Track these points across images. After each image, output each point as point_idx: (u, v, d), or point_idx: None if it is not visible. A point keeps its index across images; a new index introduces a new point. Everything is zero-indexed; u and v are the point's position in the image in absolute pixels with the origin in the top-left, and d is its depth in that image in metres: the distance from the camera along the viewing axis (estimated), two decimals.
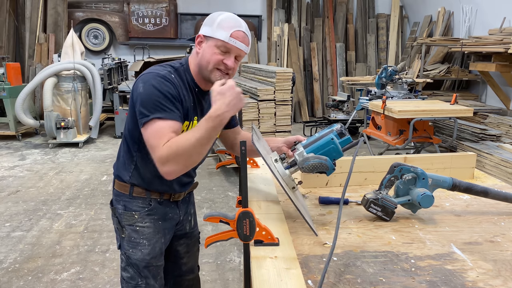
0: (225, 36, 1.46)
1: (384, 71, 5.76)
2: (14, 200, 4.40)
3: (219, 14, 1.52)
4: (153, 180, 1.61)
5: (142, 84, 1.43)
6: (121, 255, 1.69)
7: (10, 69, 6.81)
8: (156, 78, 1.42)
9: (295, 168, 1.44)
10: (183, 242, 1.87)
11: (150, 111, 1.37)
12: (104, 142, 7.09)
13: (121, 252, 1.70)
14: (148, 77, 1.44)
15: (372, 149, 5.94)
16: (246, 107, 5.20)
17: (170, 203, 1.70)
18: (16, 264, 3.11)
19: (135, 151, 1.58)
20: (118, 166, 1.67)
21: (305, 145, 1.45)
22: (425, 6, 8.87)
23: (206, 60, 1.49)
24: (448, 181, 1.49)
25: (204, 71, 1.52)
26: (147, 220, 1.64)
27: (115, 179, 1.68)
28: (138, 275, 1.65)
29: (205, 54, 1.49)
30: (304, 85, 9.39)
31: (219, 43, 1.47)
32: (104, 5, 9.28)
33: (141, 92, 1.41)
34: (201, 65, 1.51)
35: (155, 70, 1.47)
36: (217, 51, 1.47)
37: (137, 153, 1.58)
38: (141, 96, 1.41)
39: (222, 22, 1.47)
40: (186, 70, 1.55)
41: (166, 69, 1.49)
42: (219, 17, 1.50)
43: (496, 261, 1.19)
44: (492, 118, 6.04)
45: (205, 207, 4.26)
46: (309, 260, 1.19)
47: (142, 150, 1.56)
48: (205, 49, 1.50)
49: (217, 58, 1.47)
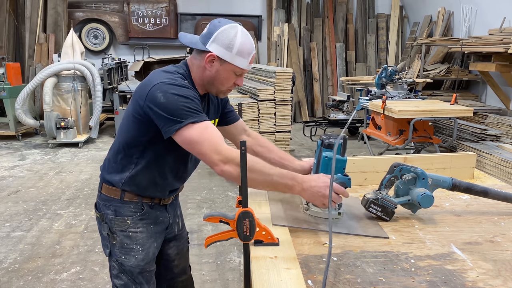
0: (245, 65, 1.48)
1: (384, 71, 5.76)
2: (14, 200, 4.40)
3: (234, 33, 1.45)
4: (148, 187, 1.59)
5: (162, 94, 1.38)
6: (112, 262, 1.64)
7: (10, 69, 6.81)
8: (175, 87, 1.40)
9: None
10: (172, 245, 1.85)
11: (182, 117, 1.37)
12: (104, 142, 7.09)
13: (111, 259, 1.64)
14: (165, 87, 1.40)
15: (372, 149, 5.94)
16: (246, 107, 5.20)
17: (160, 206, 1.68)
18: (16, 264, 3.11)
19: (137, 157, 1.54)
20: (108, 170, 1.61)
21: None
22: (425, 6, 8.87)
23: (220, 82, 1.51)
24: (448, 181, 1.49)
25: (212, 88, 1.55)
26: (139, 225, 1.61)
27: (102, 183, 1.62)
28: (133, 282, 1.62)
29: (219, 77, 1.50)
30: (304, 85, 9.39)
31: (237, 70, 1.49)
32: (104, 5, 9.28)
33: (163, 102, 1.38)
34: (211, 83, 1.52)
35: (168, 79, 1.43)
36: (233, 76, 1.51)
37: (139, 159, 1.54)
38: (164, 105, 1.37)
39: (241, 48, 1.45)
40: (188, 76, 1.53)
41: (177, 76, 1.47)
42: (237, 41, 1.45)
43: (496, 261, 1.19)
44: (492, 118, 6.04)
45: (205, 207, 4.26)
46: (309, 260, 1.19)
47: (146, 157, 1.54)
48: (219, 72, 1.49)
49: (232, 81, 1.53)
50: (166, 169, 1.58)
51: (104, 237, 1.65)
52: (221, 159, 1.35)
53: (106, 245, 1.65)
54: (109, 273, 1.68)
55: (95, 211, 1.67)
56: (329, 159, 1.39)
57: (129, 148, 1.55)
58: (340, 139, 1.37)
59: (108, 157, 1.64)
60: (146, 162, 1.55)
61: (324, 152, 1.40)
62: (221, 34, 1.45)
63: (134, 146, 1.53)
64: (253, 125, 5.30)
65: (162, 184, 1.60)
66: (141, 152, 1.54)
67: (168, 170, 1.59)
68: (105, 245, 1.67)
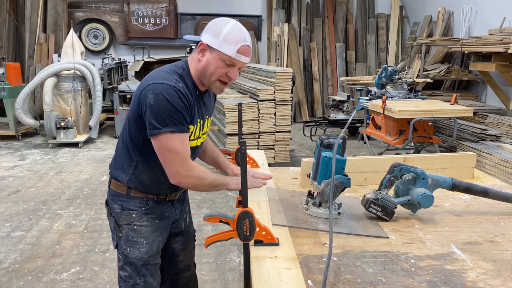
0: (231, 51, 1.47)
1: (384, 71, 5.76)
2: (14, 200, 4.40)
3: (224, 23, 1.49)
4: (152, 185, 1.63)
5: (153, 96, 1.43)
6: (118, 254, 1.70)
7: (10, 69, 6.81)
8: (168, 91, 1.43)
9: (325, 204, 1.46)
10: (178, 239, 1.88)
11: (162, 124, 1.42)
12: (104, 142, 7.09)
13: (118, 251, 1.70)
14: (159, 88, 1.43)
15: (372, 149, 5.94)
16: (246, 107, 5.20)
17: (166, 202, 1.72)
18: (16, 264, 3.11)
19: (136, 155, 1.59)
20: (115, 167, 1.67)
21: (313, 176, 1.46)
22: (425, 6, 8.87)
23: (210, 71, 1.51)
24: (448, 181, 1.49)
25: (205, 80, 1.54)
26: (144, 219, 1.65)
27: (111, 179, 1.68)
28: (136, 274, 1.66)
29: (209, 66, 1.50)
30: (304, 85, 9.39)
31: (225, 57, 1.48)
32: (104, 5, 9.28)
33: (152, 104, 1.43)
34: (203, 73, 1.53)
35: (163, 80, 1.46)
36: (222, 65, 1.50)
37: (139, 157, 1.59)
38: (152, 107, 1.43)
39: (228, 36, 1.46)
40: (187, 74, 1.55)
41: (173, 77, 1.48)
42: (225, 29, 1.47)
43: (496, 261, 1.19)
44: (492, 118, 6.04)
45: (205, 207, 4.26)
46: (309, 260, 1.19)
47: (144, 155, 1.58)
48: (209, 60, 1.50)
49: (222, 71, 1.51)
50: None
51: (112, 230, 1.71)
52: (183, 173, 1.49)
53: (114, 238, 1.72)
54: (117, 265, 1.74)
55: (105, 206, 1.73)
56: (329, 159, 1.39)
57: (129, 145, 1.60)
58: (340, 139, 1.38)
59: (114, 154, 1.70)
60: (146, 160, 1.59)
61: (324, 152, 1.41)
62: (213, 24, 1.51)
63: (133, 143, 1.58)
64: (253, 125, 5.30)
65: (166, 182, 1.60)
66: (140, 149, 1.58)
67: None
68: (113, 238, 1.73)
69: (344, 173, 1.41)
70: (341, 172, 1.40)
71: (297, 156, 6.13)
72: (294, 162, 5.65)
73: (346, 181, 1.39)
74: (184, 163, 1.48)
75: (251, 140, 5.33)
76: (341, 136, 1.39)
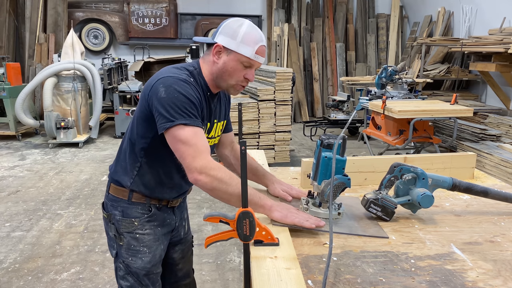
0: (250, 53, 1.43)
1: (384, 71, 5.76)
2: (14, 200, 4.40)
3: (239, 24, 1.45)
4: (156, 188, 1.58)
5: (164, 88, 1.37)
6: (119, 263, 1.63)
7: (10, 69, 6.81)
8: (179, 82, 1.38)
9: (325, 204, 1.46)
10: (178, 249, 1.84)
11: (175, 116, 1.35)
12: (104, 142, 7.09)
13: (117, 260, 1.64)
14: (169, 81, 1.39)
15: (372, 149, 5.94)
16: (246, 107, 5.20)
17: (167, 209, 1.68)
18: (16, 264, 3.11)
19: (141, 156, 1.54)
20: (116, 170, 1.61)
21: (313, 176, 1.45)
22: (425, 6, 8.87)
23: (229, 74, 1.47)
24: (448, 181, 1.49)
25: (222, 82, 1.50)
26: (147, 227, 1.60)
27: (110, 183, 1.62)
28: (139, 284, 1.61)
29: (227, 68, 1.46)
30: (304, 85, 9.39)
31: (243, 59, 1.44)
32: (104, 5, 9.28)
33: (164, 96, 1.37)
34: (220, 76, 1.48)
35: (174, 74, 1.42)
36: (240, 67, 1.46)
37: (144, 158, 1.54)
38: (163, 100, 1.36)
39: (246, 37, 1.43)
40: (199, 74, 1.51)
41: (184, 72, 1.45)
42: (241, 30, 1.43)
43: (496, 261, 1.19)
44: (492, 118, 6.04)
45: (205, 207, 4.26)
46: (309, 260, 1.18)
47: (150, 155, 1.53)
48: (226, 62, 1.45)
49: (241, 74, 1.47)
50: (171, 167, 1.57)
51: (111, 238, 1.64)
52: (198, 168, 1.32)
53: (113, 246, 1.64)
54: (115, 274, 1.68)
55: (103, 211, 1.66)
56: (329, 159, 1.39)
57: (135, 145, 1.55)
58: (340, 139, 1.38)
59: (116, 157, 1.64)
60: (151, 160, 1.54)
61: (324, 152, 1.40)
62: (227, 25, 1.46)
63: (140, 143, 1.53)
64: (253, 125, 5.30)
65: (169, 184, 1.58)
66: (146, 149, 1.53)
67: (174, 169, 1.57)
68: (111, 246, 1.66)
69: (344, 173, 1.41)
70: (341, 172, 1.40)
71: (297, 156, 6.13)
72: (294, 162, 5.65)
73: (346, 181, 1.39)
74: (199, 157, 1.33)
75: (251, 140, 5.33)
76: (341, 136, 1.39)
